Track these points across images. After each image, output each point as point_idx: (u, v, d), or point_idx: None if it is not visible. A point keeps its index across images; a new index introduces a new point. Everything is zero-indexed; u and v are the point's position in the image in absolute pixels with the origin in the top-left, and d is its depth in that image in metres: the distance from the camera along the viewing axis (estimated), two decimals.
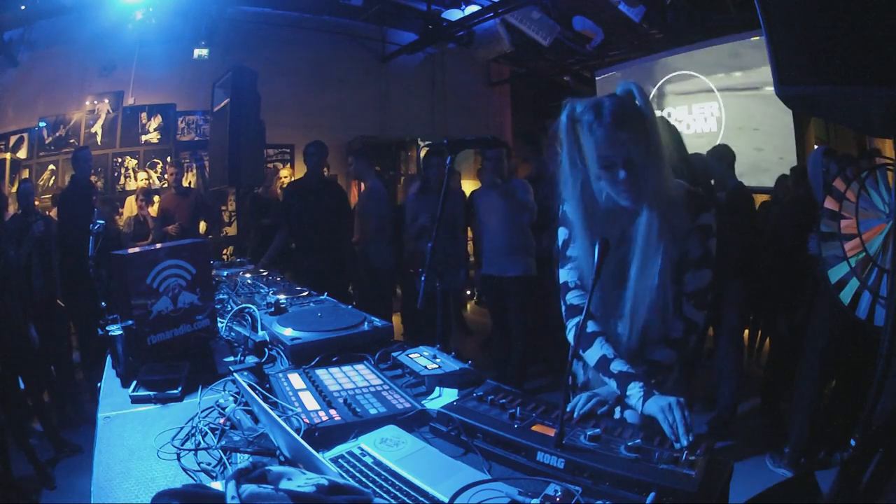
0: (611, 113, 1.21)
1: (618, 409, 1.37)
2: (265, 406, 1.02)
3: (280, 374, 1.42)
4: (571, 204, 1.34)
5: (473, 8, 5.98)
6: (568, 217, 1.39)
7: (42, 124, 5.79)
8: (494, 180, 3.48)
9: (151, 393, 1.36)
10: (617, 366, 1.26)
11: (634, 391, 1.21)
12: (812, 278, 2.90)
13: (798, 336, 2.95)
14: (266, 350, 1.65)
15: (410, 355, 1.55)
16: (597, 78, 7.07)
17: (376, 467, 0.98)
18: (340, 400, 1.25)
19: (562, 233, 1.42)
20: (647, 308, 1.29)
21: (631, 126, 1.20)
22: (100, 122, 5.99)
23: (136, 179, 6.02)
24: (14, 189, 4.60)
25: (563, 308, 1.41)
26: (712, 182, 3.34)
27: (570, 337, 1.36)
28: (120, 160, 6.12)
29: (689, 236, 1.28)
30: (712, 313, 3.39)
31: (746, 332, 4.27)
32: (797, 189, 3.56)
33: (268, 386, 1.34)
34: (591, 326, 1.34)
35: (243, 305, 1.97)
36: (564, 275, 1.41)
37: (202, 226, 5.35)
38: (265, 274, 3.00)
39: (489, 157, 3.54)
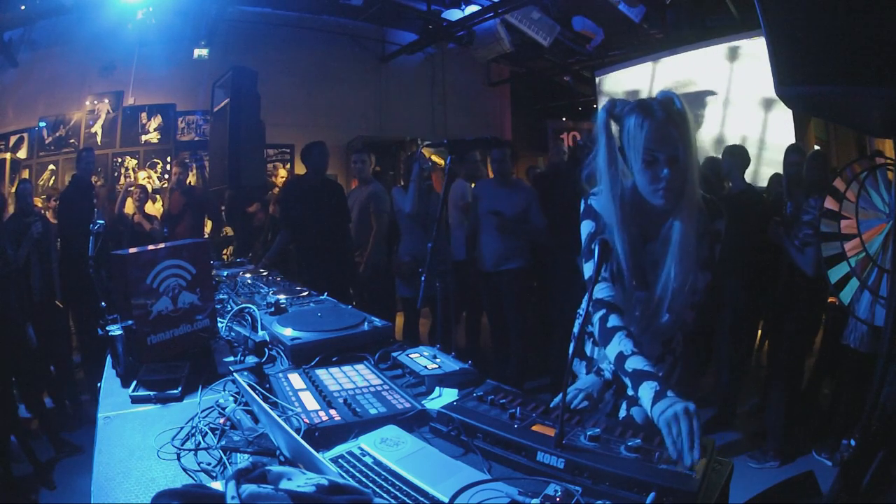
0: (663, 109, 1.23)
1: (624, 404, 1.40)
2: (265, 406, 1.02)
3: (280, 374, 1.41)
4: (605, 198, 1.33)
5: (473, 8, 5.98)
6: (595, 210, 1.38)
7: (42, 124, 5.79)
8: (502, 175, 3.51)
9: (151, 393, 1.36)
10: (632, 363, 1.21)
11: (645, 392, 1.14)
12: (779, 267, 2.95)
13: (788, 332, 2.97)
14: (266, 350, 1.65)
15: (410, 355, 1.55)
16: (597, 78, 7.07)
17: (376, 467, 0.98)
18: (340, 400, 1.24)
19: (587, 226, 1.40)
20: (674, 310, 1.31)
21: (678, 125, 1.23)
22: (100, 122, 6.00)
23: (135, 179, 6.02)
24: (13, 189, 4.61)
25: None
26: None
27: (596, 331, 1.33)
28: (120, 160, 6.12)
29: (702, 240, 1.31)
30: (711, 315, 3.40)
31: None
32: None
33: (268, 386, 1.34)
34: (612, 321, 1.29)
35: (243, 305, 1.97)
36: (590, 268, 1.38)
37: (207, 224, 5.35)
38: (265, 274, 3.00)
39: (495, 157, 3.56)
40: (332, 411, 1.18)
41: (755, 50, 5.07)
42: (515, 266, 3.53)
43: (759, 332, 4.47)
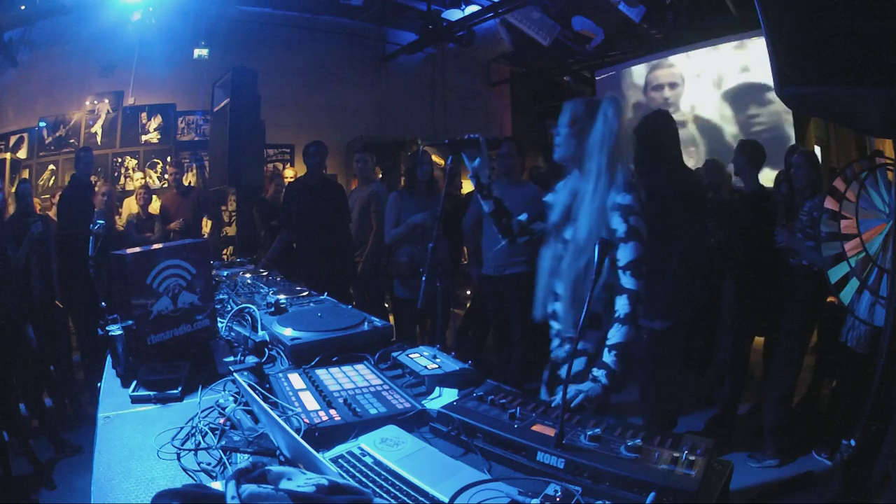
0: (568, 101, 1.63)
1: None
2: (265, 406, 1.02)
3: (280, 374, 1.42)
4: None
5: (473, 8, 5.98)
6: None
7: (42, 124, 5.78)
8: (509, 174, 3.44)
9: (151, 393, 1.36)
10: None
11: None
12: (784, 268, 2.95)
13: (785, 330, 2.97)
14: (266, 350, 1.65)
15: (410, 355, 1.55)
16: (597, 78, 7.07)
17: (376, 467, 0.98)
18: (340, 400, 1.24)
19: None
20: (574, 272, 1.54)
21: (570, 115, 1.60)
22: (100, 122, 5.99)
23: (132, 180, 6.01)
24: (14, 189, 4.61)
25: None
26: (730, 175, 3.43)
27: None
28: (120, 160, 6.11)
29: (612, 214, 1.52)
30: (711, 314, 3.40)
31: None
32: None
33: (268, 386, 1.34)
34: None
35: (243, 305, 1.97)
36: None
37: (206, 224, 5.34)
38: (265, 274, 3.00)
39: (501, 153, 3.49)
40: (332, 411, 1.18)
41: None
42: (519, 271, 3.48)
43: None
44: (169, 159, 6.11)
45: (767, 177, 4.23)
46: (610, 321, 1.49)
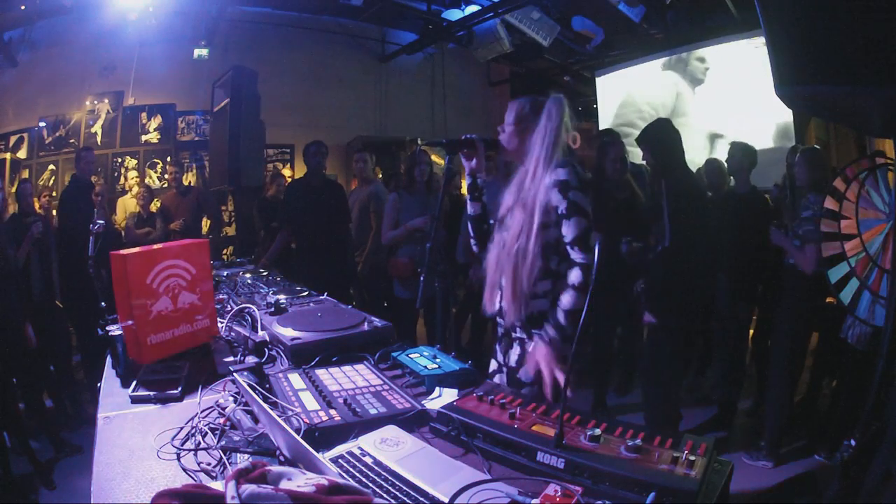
0: (514, 100, 1.72)
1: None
2: (265, 406, 1.02)
3: (280, 374, 1.41)
4: None
5: (473, 8, 5.98)
6: None
7: (42, 124, 5.78)
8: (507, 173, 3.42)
9: (151, 393, 1.36)
10: None
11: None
12: (777, 268, 2.95)
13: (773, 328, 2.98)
14: (266, 350, 1.65)
15: (410, 355, 1.55)
16: (597, 78, 7.07)
17: (376, 467, 0.98)
18: (340, 400, 1.24)
19: None
20: (513, 257, 1.57)
21: (516, 113, 1.68)
22: (100, 122, 5.99)
23: (128, 180, 6.00)
24: (14, 189, 4.60)
25: None
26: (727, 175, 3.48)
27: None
28: (120, 160, 6.11)
29: (551, 192, 1.56)
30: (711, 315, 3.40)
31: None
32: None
33: (268, 386, 1.34)
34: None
35: (243, 305, 1.97)
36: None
37: (206, 224, 5.34)
38: (265, 274, 3.00)
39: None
40: (332, 411, 1.18)
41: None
42: None
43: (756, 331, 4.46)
44: (169, 159, 6.10)
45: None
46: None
